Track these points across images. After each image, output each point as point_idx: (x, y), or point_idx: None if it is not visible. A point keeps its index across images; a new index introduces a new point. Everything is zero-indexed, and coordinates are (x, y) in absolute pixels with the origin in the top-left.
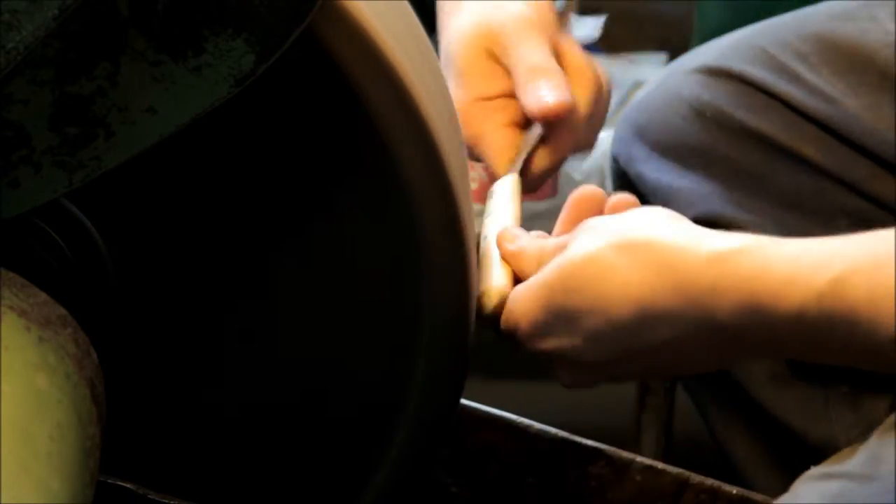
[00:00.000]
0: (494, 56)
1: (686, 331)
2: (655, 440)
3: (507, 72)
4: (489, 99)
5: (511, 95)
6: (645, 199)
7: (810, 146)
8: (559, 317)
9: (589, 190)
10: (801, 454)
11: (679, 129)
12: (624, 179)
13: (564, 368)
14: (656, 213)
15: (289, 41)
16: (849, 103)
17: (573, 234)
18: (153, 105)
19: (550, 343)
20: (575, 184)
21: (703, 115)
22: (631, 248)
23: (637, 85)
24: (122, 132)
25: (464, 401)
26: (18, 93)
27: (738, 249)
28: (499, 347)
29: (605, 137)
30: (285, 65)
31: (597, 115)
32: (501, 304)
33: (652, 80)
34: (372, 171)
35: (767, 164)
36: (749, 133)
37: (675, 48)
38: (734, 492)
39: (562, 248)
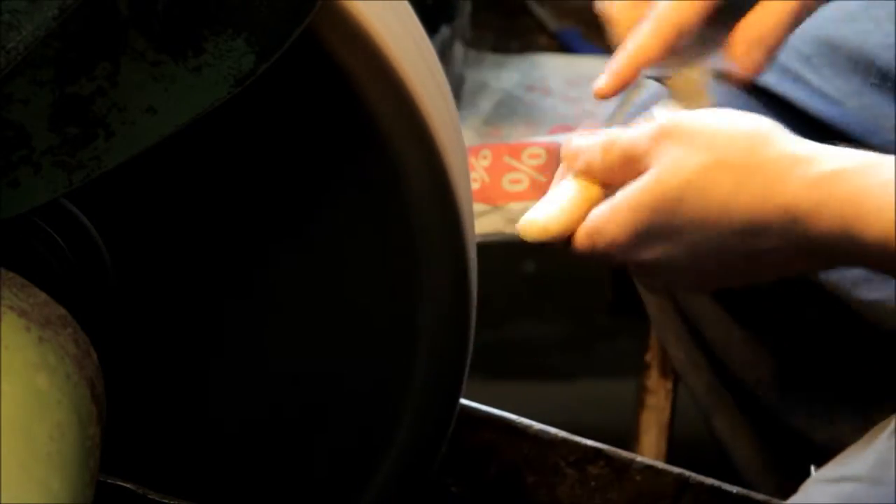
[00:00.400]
0: None
1: (787, 243)
2: (655, 440)
3: None
4: None
5: None
6: None
7: None
8: (660, 233)
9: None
10: (805, 457)
11: None
12: None
13: (657, 277)
14: (745, 122)
15: (289, 41)
16: (850, 104)
17: (651, 139)
18: (153, 105)
19: (647, 255)
20: None
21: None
22: (735, 168)
23: (637, 86)
24: (122, 132)
25: (464, 401)
26: (18, 93)
27: (840, 172)
28: (499, 347)
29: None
30: (285, 65)
31: None
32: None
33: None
34: (371, 170)
35: None
36: None
37: None
38: (734, 492)
39: (641, 151)
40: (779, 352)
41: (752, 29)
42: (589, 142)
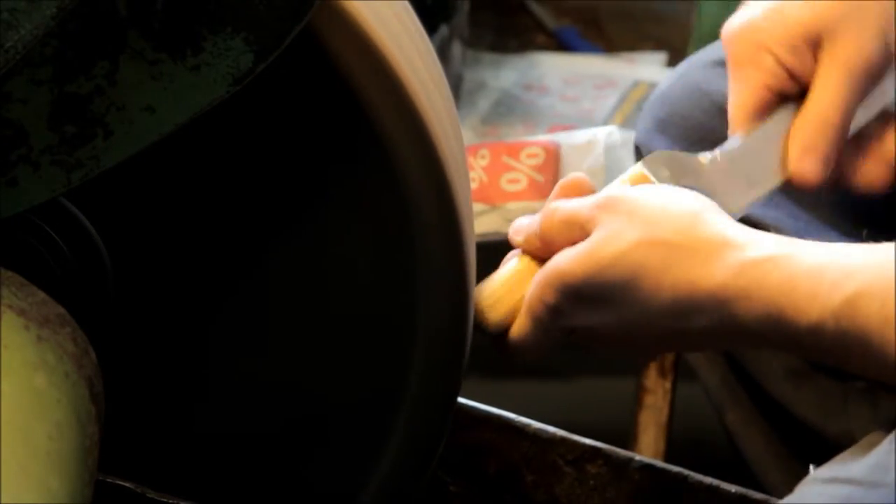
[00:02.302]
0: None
1: (716, 325)
2: (654, 439)
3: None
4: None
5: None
6: None
7: None
8: (591, 300)
9: (578, 179)
10: (817, 450)
11: (699, 122)
12: None
13: (593, 344)
14: (685, 202)
15: (287, 40)
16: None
17: (593, 208)
18: (151, 104)
19: (580, 321)
20: None
21: (724, 110)
22: (666, 246)
23: (636, 84)
24: (121, 131)
25: (462, 399)
26: (17, 92)
27: (769, 258)
28: (496, 358)
29: (604, 136)
30: (283, 63)
31: None
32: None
33: (673, 72)
34: (369, 169)
35: None
36: None
37: (675, 48)
38: (733, 490)
39: (583, 219)
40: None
41: (802, 133)
42: (531, 218)
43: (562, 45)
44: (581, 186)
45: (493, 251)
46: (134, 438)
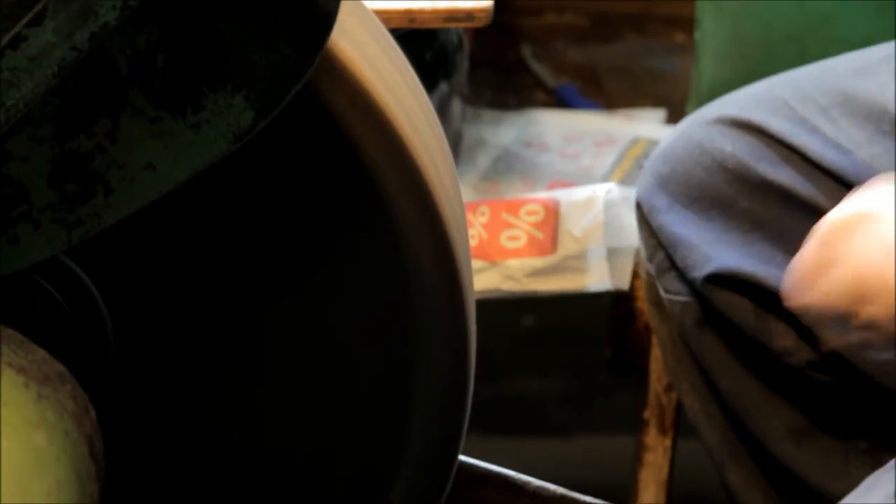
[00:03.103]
0: None
1: None
2: (654, 497)
3: None
4: None
5: None
6: (665, 251)
7: (826, 198)
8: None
9: None
10: None
11: (700, 180)
12: (648, 228)
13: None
14: None
15: (287, 98)
16: (862, 153)
17: None
18: (152, 161)
19: None
20: (575, 240)
21: (725, 167)
22: None
23: (635, 141)
24: (122, 189)
25: (462, 457)
26: (18, 150)
27: None
28: (498, 403)
29: (604, 193)
30: (283, 120)
31: None
32: None
33: (674, 129)
34: (369, 226)
35: (787, 217)
36: (769, 186)
37: (673, 105)
38: None
39: None
40: (793, 403)
41: None
42: None
43: (561, 102)
44: None
45: (493, 308)
46: (134, 495)
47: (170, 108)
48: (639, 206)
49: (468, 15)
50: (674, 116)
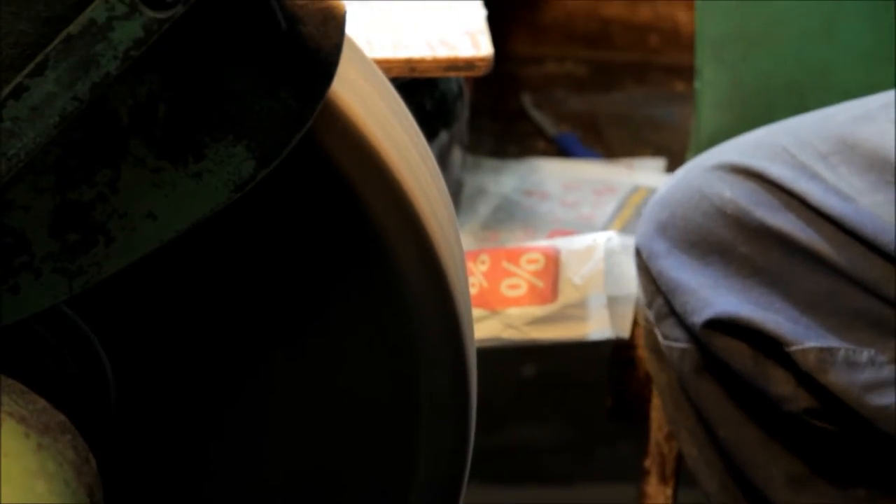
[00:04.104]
0: None
1: None
2: None
3: None
4: None
5: None
6: (664, 296)
7: (826, 245)
8: None
9: None
10: None
11: (700, 225)
12: (647, 274)
13: None
14: None
15: (289, 147)
16: (864, 201)
17: None
18: (153, 211)
19: None
20: (575, 288)
21: (724, 213)
22: None
23: (636, 190)
24: (123, 238)
25: None
26: (19, 199)
27: None
28: (498, 451)
29: (604, 241)
30: (284, 169)
31: None
32: None
33: (673, 175)
34: (370, 275)
35: (786, 263)
36: (769, 232)
37: (673, 154)
38: None
39: None
40: (792, 451)
41: None
42: None
43: (561, 150)
44: None
45: (493, 357)
46: None
47: (171, 158)
48: (638, 252)
49: (468, 64)
50: (674, 165)
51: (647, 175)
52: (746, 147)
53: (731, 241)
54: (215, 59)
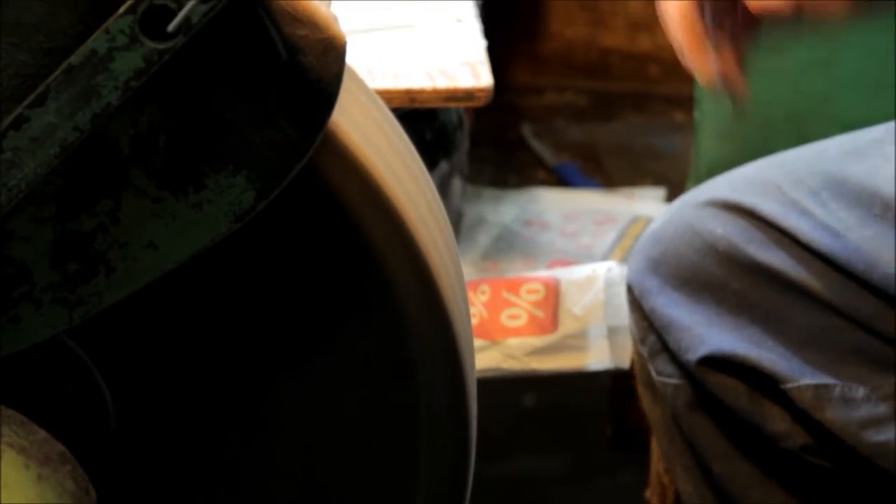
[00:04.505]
0: None
1: None
2: None
3: None
4: None
5: None
6: (657, 333)
7: (818, 281)
8: None
9: None
10: None
11: (692, 262)
12: (639, 311)
13: None
14: None
15: (289, 178)
16: (852, 236)
17: None
18: (154, 241)
19: None
20: (575, 318)
21: (716, 249)
22: None
23: (636, 220)
24: (123, 268)
25: None
26: (20, 230)
27: None
28: (498, 482)
29: (604, 272)
30: (284, 199)
31: None
32: None
33: (665, 211)
34: (369, 304)
35: (778, 299)
36: (760, 268)
37: (673, 183)
38: None
39: None
40: (787, 487)
41: None
42: None
43: (561, 180)
44: None
45: (494, 387)
46: None
47: (171, 188)
48: (630, 289)
49: (468, 95)
50: (673, 195)
51: (647, 205)
52: (738, 183)
53: (723, 277)
54: (216, 89)
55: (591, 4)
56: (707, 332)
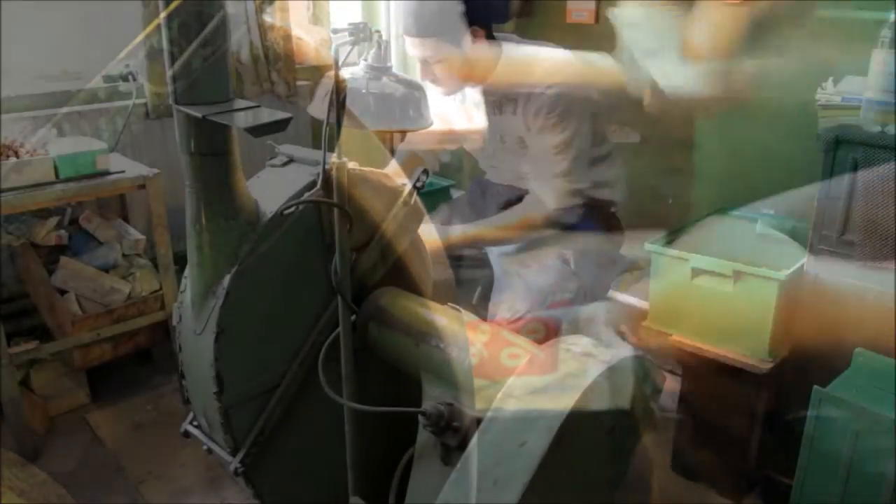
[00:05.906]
0: None
1: None
2: None
3: None
4: None
5: None
6: None
7: None
8: None
9: None
10: None
11: None
12: None
13: None
14: None
15: None
16: None
17: None
18: None
19: None
20: (575, 358)
21: None
22: None
23: (635, 261)
24: None
25: None
26: None
27: None
28: None
29: (604, 312)
30: None
31: None
32: None
33: None
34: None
35: None
36: None
37: (672, 226)
38: None
39: None
40: None
41: None
42: None
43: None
44: None
45: (495, 426)
46: None
47: None
48: None
49: None
50: (673, 237)
51: (646, 247)
52: None
53: None
54: None
55: None
56: None
